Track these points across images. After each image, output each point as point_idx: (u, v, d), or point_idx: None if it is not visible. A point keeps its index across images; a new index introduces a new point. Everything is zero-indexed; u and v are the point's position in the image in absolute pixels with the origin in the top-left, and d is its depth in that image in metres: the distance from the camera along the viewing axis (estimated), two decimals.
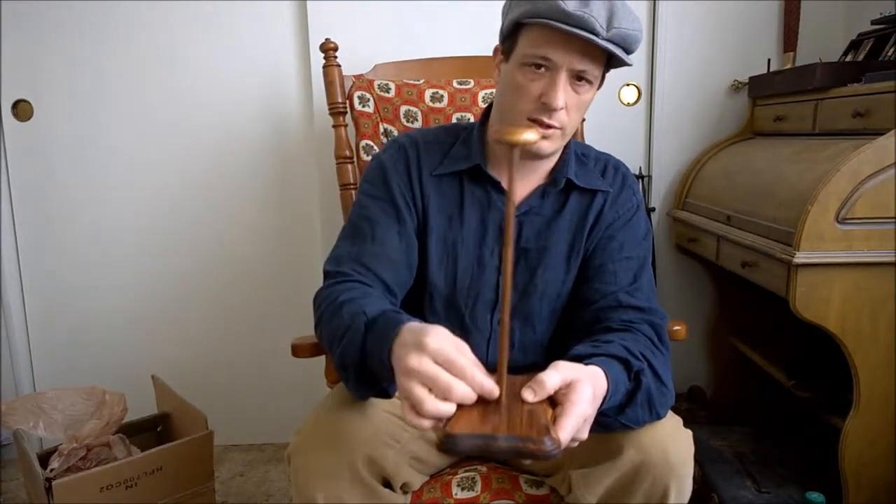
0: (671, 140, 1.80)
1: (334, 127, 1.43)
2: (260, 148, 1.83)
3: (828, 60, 1.45)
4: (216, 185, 1.84)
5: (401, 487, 0.90)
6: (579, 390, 0.69)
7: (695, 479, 0.87)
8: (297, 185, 1.85)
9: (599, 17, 0.81)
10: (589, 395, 0.70)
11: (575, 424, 0.67)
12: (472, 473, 1.00)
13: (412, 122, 1.43)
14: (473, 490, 0.98)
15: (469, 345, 1.04)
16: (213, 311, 1.91)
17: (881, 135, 1.13)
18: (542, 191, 0.99)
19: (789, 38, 1.71)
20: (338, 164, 1.42)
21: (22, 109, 1.80)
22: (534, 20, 0.84)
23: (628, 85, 1.79)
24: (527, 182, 0.98)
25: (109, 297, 1.89)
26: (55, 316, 1.90)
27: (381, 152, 1.03)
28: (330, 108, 1.43)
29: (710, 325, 1.85)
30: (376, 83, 1.46)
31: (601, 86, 0.92)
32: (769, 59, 1.70)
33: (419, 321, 0.73)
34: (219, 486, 1.71)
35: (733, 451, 1.54)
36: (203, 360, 1.93)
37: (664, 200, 1.83)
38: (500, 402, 0.67)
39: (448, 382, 0.63)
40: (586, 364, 0.75)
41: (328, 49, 1.42)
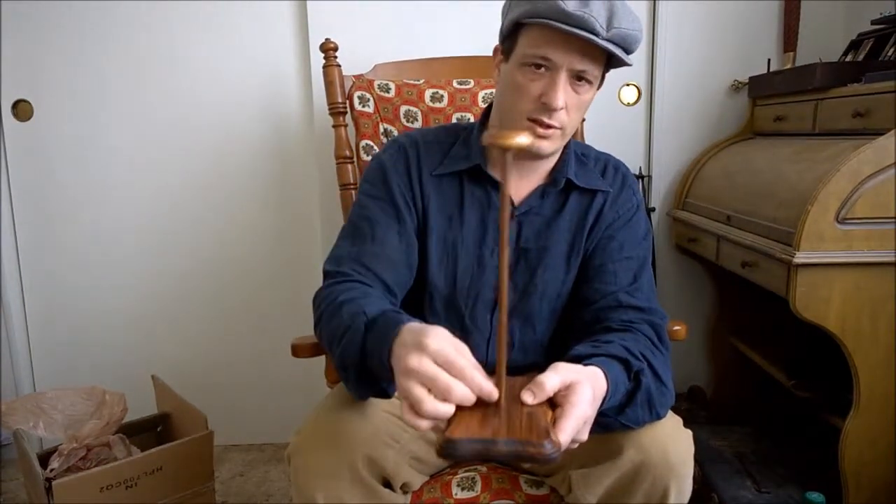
0: (671, 140, 1.80)
1: (334, 127, 1.43)
2: (260, 148, 1.83)
3: (828, 60, 1.45)
4: (216, 185, 1.84)
5: (401, 487, 0.90)
6: (579, 392, 0.69)
7: (695, 479, 0.87)
8: (297, 185, 1.85)
9: (599, 17, 0.81)
10: (588, 396, 0.70)
11: (575, 426, 0.67)
12: (472, 473, 1.00)
13: (412, 122, 1.43)
14: (473, 490, 0.98)
15: (469, 345, 1.04)
16: (213, 311, 1.91)
17: (881, 135, 1.13)
18: (542, 191, 0.99)
19: (789, 38, 1.71)
20: (338, 164, 1.42)
21: (22, 109, 1.80)
22: (534, 20, 0.84)
23: (628, 85, 1.79)
24: (527, 182, 0.98)
25: (109, 297, 1.89)
26: (55, 316, 1.90)
27: (381, 152, 1.03)
28: (330, 108, 1.43)
29: (710, 325, 1.85)
30: (376, 83, 1.46)
31: (601, 86, 0.92)
32: (769, 59, 1.70)
33: (419, 321, 0.73)
34: (219, 486, 1.71)
35: (733, 451, 1.54)
36: (203, 360, 1.93)
37: (664, 200, 1.83)
38: (500, 405, 0.67)
39: (447, 383, 0.63)
40: (586, 364, 0.75)
41: (328, 49, 1.42)
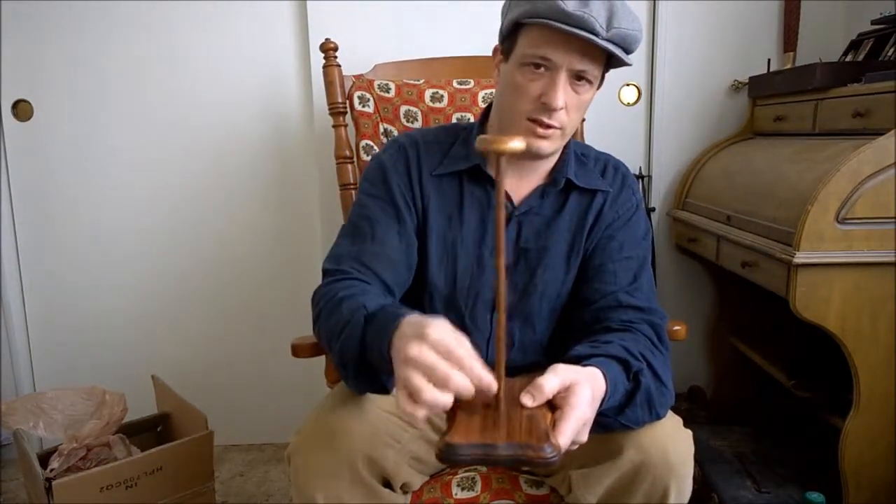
0: (671, 140, 1.80)
1: (334, 127, 1.43)
2: (260, 148, 1.83)
3: (828, 60, 1.45)
4: (216, 185, 1.84)
5: (401, 487, 0.90)
6: (578, 393, 0.69)
7: (695, 479, 0.87)
8: (297, 185, 1.85)
9: (599, 17, 0.81)
10: (588, 397, 0.70)
11: (574, 428, 0.67)
12: (472, 473, 1.00)
13: (412, 122, 1.43)
14: (473, 490, 0.98)
15: None
16: (213, 311, 1.91)
17: (881, 135, 1.13)
18: (542, 191, 0.99)
19: (789, 38, 1.71)
20: (338, 164, 1.42)
21: (22, 109, 1.80)
22: (533, 20, 0.84)
23: (628, 85, 1.79)
24: (526, 182, 0.98)
25: (109, 297, 1.89)
26: (55, 316, 1.90)
27: (380, 152, 1.03)
28: (330, 108, 1.43)
29: (710, 325, 1.85)
30: (376, 83, 1.46)
31: (601, 86, 0.92)
32: (769, 59, 1.70)
33: (419, 314, 0.73)
34: (219, 486, 1.71)
35: (733, 451, 1.54)
36: (203, 360, 1.93)
37: (664, 200, 1.83)
38: (499, 409, 0.67)
39: (447, 372, 0.63)
40: (585, 365, 0.75)
41: (328, 49, 1.42)
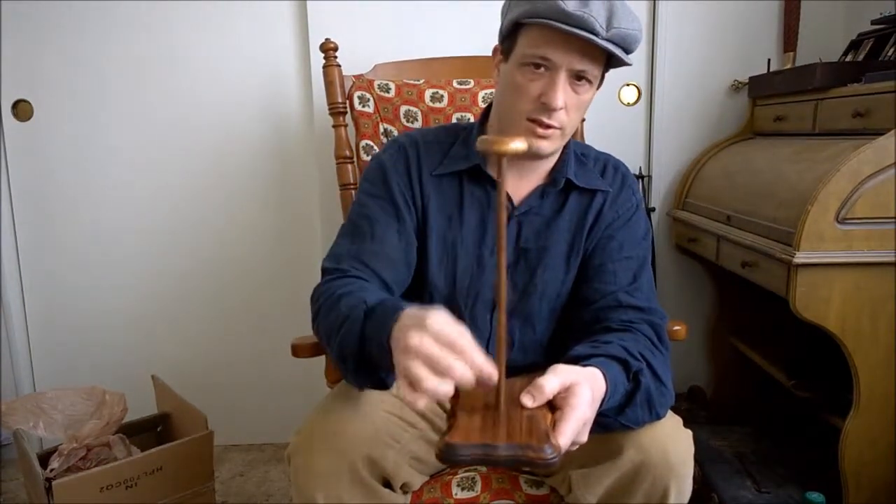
0: (671, 140, 1.80)
1: (334, 127, 1.43)
2: (260, 148, 1.83)
3: (828, 60, 1.45)
4: (216, 185, 1.84)
5: (401, 487, 0.90)
6: (578, 394, 0.69)
7: (695, 479, 0.87)
8: (297, 185, 1.85)
9: (599, 16, 0.81)
10: (588, 398, 0.70)
11: (574, 429, 0.67)
12: (472, 473, 1.00)
13: (412, 122, 1.43)
14: (473, 490, 0.98)
15: None
16: (213, 311, 1.91)
17: (881, 135, 1.13)
18: (542, 191, 0.99)
19: (789, 38, 1.71)
20: (338, 164, 1.42)
21: (22, 109, 1.80)
22: (533, 20, 0.83)
23: (628, 85, 1.79)
24: (526, 182, 0.98)
25: (109, 297, 1.89)
26: (55, 316, 1.90)
27: (380, 152, 1.03)
28: (330, 108, 1.43)
29: (710, 325, 1.85)
30: (376, 83, 1.46)
31: (601, 85, 0.92)
32: (769, 59, 1.70)
33: (419, 307, 0.72)
34: (219, 486, 1.71)
35: (733, 451, 1.54)
36: (203, 360, 1.93)
37: (664, 200, 1.83)
38: (499, 409, 0.67)
39: (448, 361, 0.63)
40: (584, 365, 0.75)
41: (328, 49, 1.42)
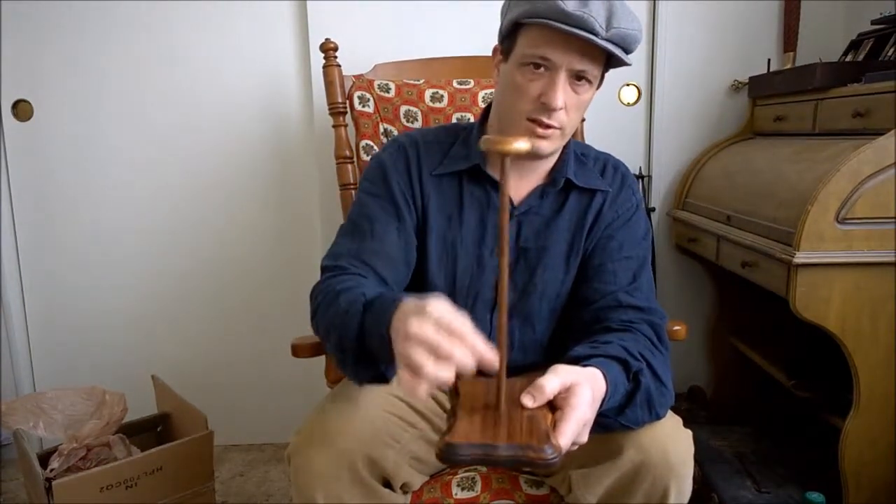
0: (671, 140, 1.80)
1: (334, 127, 1.43)
2: (260, 148, 1.83)
3: (828, 60, 1.45)
4: (216, 185, 1.84)
5: (401, 487, 0.90)
6: (578, 394, 0.69)
7: (695, 479, 0.87)
8: (297, 185, 1.85)
9: (599, 16, 0.81)
10: (588, 398, 0.70)
11: (575, 429, 0.67)
12: (472, 473, 1.00)
13: (412, 122, 1.43)
14: (473, 490, 0.98)
15: None
16: (213, 311, 1.91)
17: (881, 135, 1.13)
18: (542, 191, 0.99)
19: (789, 38, 1.71)
20: (338, 164, 1.42)
21: (22, 109, 1.80)
22: (533, 20, 0.83)
23: (628, 85, 1.79)
24: (526, 182, 0.98)
25: (109, 297, 1.89)
26: (55, 316, 1.90)
27: (380, 152, 1.03)
28: (330, 108, 1.43)
29: (710, 325, 1.85)
30: (376, 83, 1.46)
31: (600, 85, 0.92)
32: (769, 59, 1.70)
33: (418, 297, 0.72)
34: (219, 486, 1.71)
35: (733, 451, 1.54)
36: (203, 360, 1.93)
37: (664, 200, 1.83)
38: (499, 409, 0.67)
39: (448, 347, 0.62)
40: (584, 366, 0.75)
41: (328, 49, 1.42)
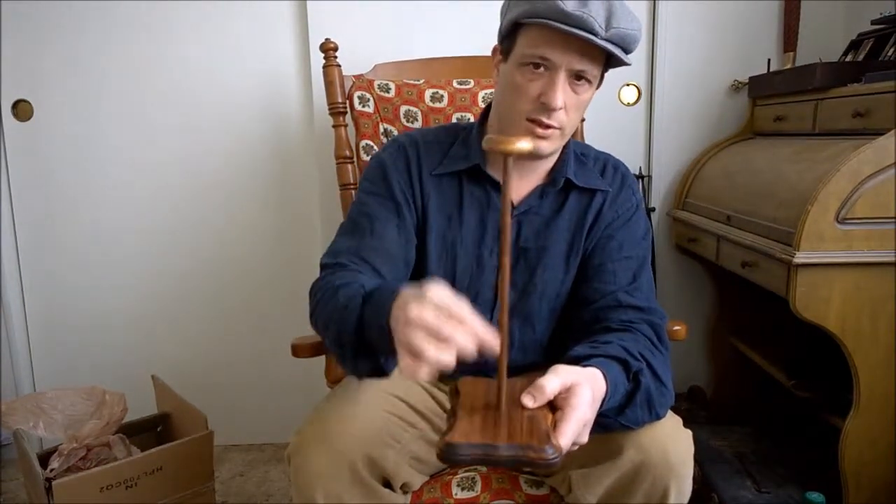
0: (671, 140, 1.80)
1: (334, 127, 1.43)
2: (260, 148, 1.83)
3: (828, 60, 1.45)
4: (216, 184, 1.84)
5: (401, 487, 0.90)
6: (579, 394, 0.69)
7: (695, 479, 0.87)
8: (297, 185, 1.85)
9: (598, 16, 0.81)
10: (588, 398, 0.70)
11: (575, 429, 0.67)
12: (472, 473, 1.00)
13: (412, 122, 1.43)
14: (473, 490, 0.98)
15: None
16: (213, 311, 1.91)
17: (881, 135, 1.13)
18: (541, 190, 0.99)
19: (789, 38, 1.71)
20: (338, 164, 1.42)
21: (22, 109, 1.80)
22: (532, 20, 0.83)
23: (628, 85, 1.79)
24: (526, 182, 0.98)
25: (109, 297, 1.89)
26: (55, 316, 1.90)
27: (380, 151, 1.03)
28: (330, 108, 1.43)
29: (710, 325, 1.85)
30: (376, 83, 1.46)
31: (600, 85, 0.92)
32: (769, 59, 1.70)
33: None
34: (219, 486, 1.71)
35: (733, 451, 1.54)
36: (203, 360, 1.93)
37: (664, 200, 1.83)
38: (500, 409, 0.67)
39: (449, 330, 0.62)
40: (584, 366, 0.75)
41: (328, 49, 1.42)
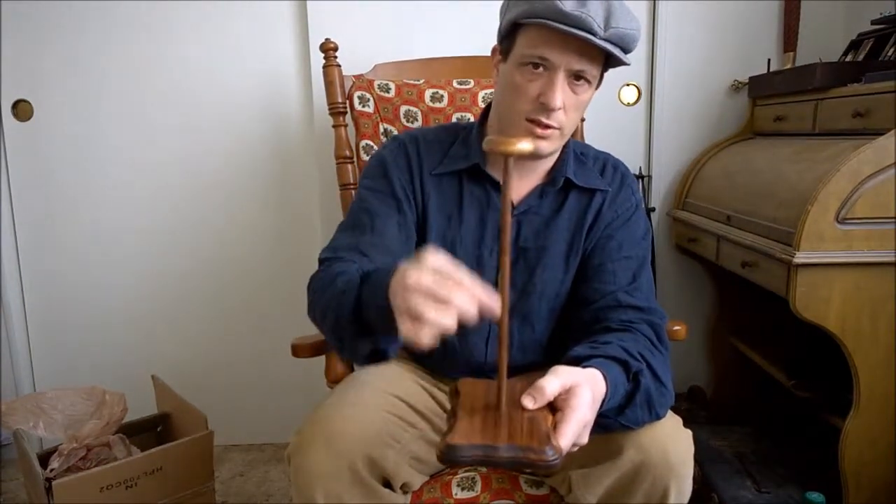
0: (671, 140, 1.80)
1: (334, 127, 1.43)
2: (260, 148, 1.83)
3: (828, 60, 1.45)
4: (216, 184, 1.84)
5: (401, 487, 0.90)
6: (579, 395, 0.69)
7: (695, 479, 0.87)
8: (297, 185, 1.85)
9: (597, 16, 0.81)
10: (588, 399, 0.70)
11: (575, 430, 0.67)
12: (472, 473, 1.00)
13: (412, 122, 1.43)
14: (473, 490, 0.98)
15: (467, 344, 1.03)
16: (213, 311, 1.91)
17: (881, 135, 1.13)
18: (541, 190, 0.99)
19: (789, 38, 1.71)
20: (338, 164, 1.42)
21: (22, 109, 1.80)
22: (531, 20, 0.83)
23: (628, 85, 1.79)
24: (525, 181, 0.98)
25: (109, 297, 1.89)
26: (55, 316, 1.90)
27: (381, 148, 1.03)
28: (330, 108, 1.43)
29: (710, 325, 1.85)
30: (376, 83, 1.46)
31: (600, 85, 0.92)
32: (769, 59, 1.70)
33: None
34: (219, 486, 1.71)
35: (733, 451, 1.54)
36: (203, 360, 1.93)
37: (664, 200, 1.83)
38: (500, 410, 0.67)
39: (448, 291, 0.61)
40: (584, 366, 0.75)
41: (328, 49, 1.42)
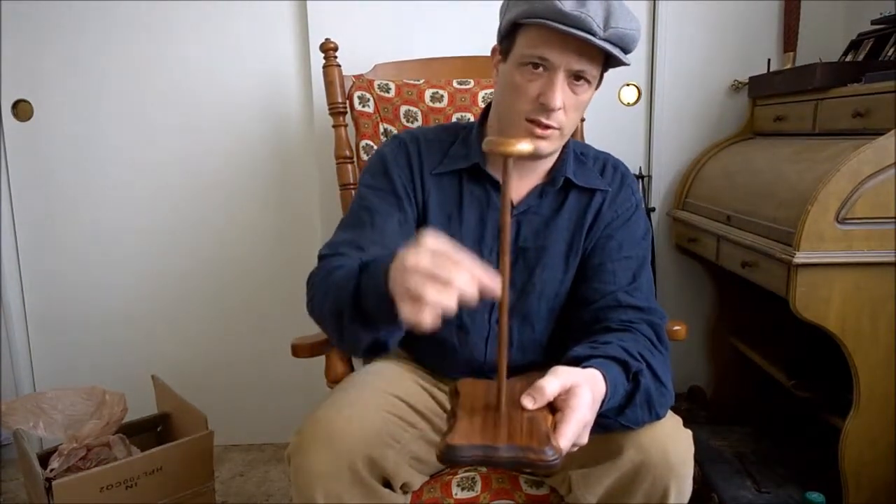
0: (671, 140, 1.80)
1: (334, 127, 1.43)
2: (260, 148, 1.83)
3: (828, 60, 1.45)
4: (216, 184, 1.84)
5: (401, 487, 0.90)
6: (579, 395, 0.69)
7: (695, 479, 0.87)
8: (297, 185, 1.85)
9: (596, 16, 0.81)
10: (588, 399, 0.70)
11: (575, 431, 0.67)
12: (472, 473, 1.00)
13: (412, 122, 1.43)
14: (473, 490, 0.98)
15: (467, 344, 1.03)
16: (213, 311, 1.91)
17: (881, 135, 1.13)
18: (541, 190, 0.99)
19: (789, 38, 1.71)
20: (338, 164, 1.42)
21: (22, 109, 1.80)
22: (531, 20, 0.84)
23: (628, 85, 1.79)
24: (525, 181, 0.98)
25: (109, 297, 1.89)
26: (55, 316, 1.90)
27: (381, 147, 1.03)
28: (330, 108, 1.43)
29: (710, 325, 1.85)
30: (376, 83, 1.46)
31: (599, 85, 0.92)
32: (769, 59, 1.70)
33: None
34: (219, 486, 1.71)
35: (733, 451, 1.54)
36: (203, 360, 1.93)
37: (664, 200, 1.83)
38: (500, 410, 0.67)
39: (448, 271, 0.61)
40: (584, 367, 0.75)
41: (328, 49, 1.42)
